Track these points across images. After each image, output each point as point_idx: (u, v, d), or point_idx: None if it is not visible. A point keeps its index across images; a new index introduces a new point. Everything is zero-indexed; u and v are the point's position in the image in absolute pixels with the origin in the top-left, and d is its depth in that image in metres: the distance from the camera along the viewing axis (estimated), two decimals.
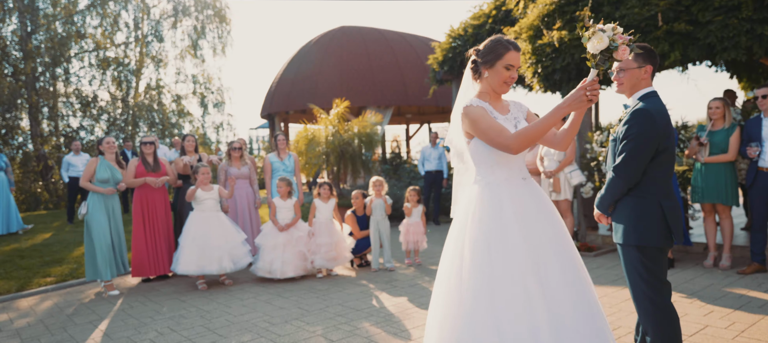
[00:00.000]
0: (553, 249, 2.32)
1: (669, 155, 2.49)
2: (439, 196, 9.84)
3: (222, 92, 20.87)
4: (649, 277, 2.47)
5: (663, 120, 2.46)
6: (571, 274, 2.32)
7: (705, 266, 5.26)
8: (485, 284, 2.23)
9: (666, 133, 2.46)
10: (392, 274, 5.78)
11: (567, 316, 2.23)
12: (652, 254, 2.47)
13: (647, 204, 2.47)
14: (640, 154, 2.43)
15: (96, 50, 18.28)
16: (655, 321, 2.46)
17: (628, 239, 2.50)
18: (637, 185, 2.50)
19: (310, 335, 3.86)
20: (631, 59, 2.59)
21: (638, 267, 2.48)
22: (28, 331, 4.26)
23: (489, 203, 2.35)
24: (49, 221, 10.70)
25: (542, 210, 2.40)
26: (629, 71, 2.59)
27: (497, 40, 2.39)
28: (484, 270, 2.25)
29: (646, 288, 2.47)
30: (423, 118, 19.35)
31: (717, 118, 5.17)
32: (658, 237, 2.45)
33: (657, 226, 2.45)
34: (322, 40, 16.29)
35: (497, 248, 2.27)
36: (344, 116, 10.63)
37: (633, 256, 2.50)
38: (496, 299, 2.21)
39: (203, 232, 5.33)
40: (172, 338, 3.92)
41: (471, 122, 2.36)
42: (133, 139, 17.83)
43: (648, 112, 2.45)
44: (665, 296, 2.47)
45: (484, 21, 9.18)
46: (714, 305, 4.03)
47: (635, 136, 2.44)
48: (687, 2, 5.64)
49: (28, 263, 6.64)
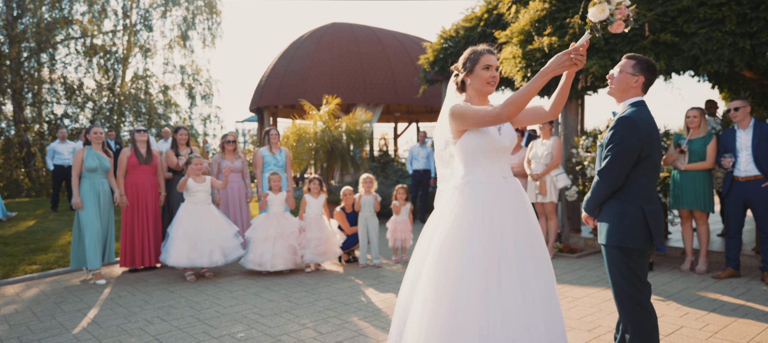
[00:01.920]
0: (518, 249, 2.45)
1: (652, 162, 2.62)
2: (426, 194, 9.95)
3: (210, 84, 20.75)
4: (630, 277, 2.59)
5: (647, 128, 2.58)
6: (533, 274, 2.45)
7: (682, 270, 5.45)
8: (445, 280, 2.38)
9: (649, 141, 2.59)
10: (380, 270, 5.87)
11: (519, 316, 2.35)
12: (633, 256, 2.59)
13: (630, 208, 2.60)
14: (623, 159, 2.56)
15: (83, 37, 18.03)
16: (635, 319, 2.59)
17: (611, 239, 2.62)
18: (621, 189, 2.63)
19: (300, 327, 3.93)
20: (628, 64, 2.71)
21: (620, 267, 2.61)
22: (16, 317, 4.25)
23: (462, 203, 2.48)
24: (31, 209, 10.57)
25: (517, 209, 2.53)
26: (622, 75, 2.70)
27: (472, 50, 2.59)
28: (444, 268, 2.39)
29: (627, 287, 2.60)
30: (411, 117, 19.47)
31: (694, 127, 5.35)
32: (640, 239, 2.58)
33: (638, 229, 2.58)
34: (313, 35, 16.29)
35: (461, 247, 2.40)
36: (334, 113, 10.68)
37: (615, 256, 2.62)
38: (453, 297, 2.35)
39: (194, 225, 5.35)
40: (163, 327, 3.96)
41: (459, 115, 2.48)
42: (118, 129, 17.64)
43: (632, 120, 2.58)
44: (645, 296, 2.60)
45: (475, 24, 9.31)
46: (689, 307, 4.19)
47: (619, 142, 2.57)
48: (673, 14, 5.82)
49: (13, 250, 6.59)
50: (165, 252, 5.36)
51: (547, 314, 2.43)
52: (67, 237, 7.47)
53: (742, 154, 5.01)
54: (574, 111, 7.38)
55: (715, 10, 5.51)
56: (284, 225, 5.73)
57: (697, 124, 5.33)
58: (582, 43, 2.35)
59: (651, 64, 2.71)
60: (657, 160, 2.64)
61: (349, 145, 10.70)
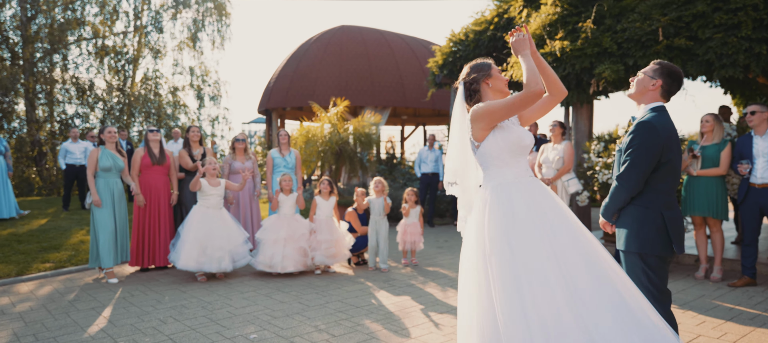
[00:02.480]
0: (571, 239, 2.32)
1: (672, 167, 2.60)
2: (434, 198, 9.94)
3: (219, 86, 20.84)
4: (649, 284, 2.57)
5: (666, 133, 2.57)
6: (595, 262, 2.32)
7: (696, 277, 5.40)
8: (512, 280, 2.23)
9: (669, 146, 2.57)
10: (390, 273, 5.86)
11: (591, 300, 2.21)
12: (652, 262, 2.57)
13: (649, 213, 2.58)
14: (642, 164, 2.54)
15: (94, 38, 18.19)
16: None
17: (630, 246, 2.60)
18: (640, 195, 2.61)
19: (312, 329, 3.93)
20: (649, 68, 2.72)
21: (639, 274, 2.59)
22: (31, 315, 4.28)
23: (502, 202, 2.37)
24: (43, 207, 10.66)
25: (554, 205, 2.42)
26: (642, 76, 2.71)
27: (480, 61, 2.60)
28: (508, 267, 2.26)
29: (646, 295, 2.57)
30: (418, 120, 19.47)
31: (708, 133, 5.30)
32: (659, 246, 2.56)
33: (658, 235, 2.56)
34: (322, 38, 16.34)
35: (517, 244, 2.27)
36: (343, 115, 10.70)
37: (634, 263, 2.60)
38: (524, 293, 2.20)
39: (206, 229, 5.36)
40: (176, 327, 3.97)
41: (487, 112, 2.39)
42: (128, 129, 17.75)
43: (652, 124, 2.56)
44: (665, 303, 2.58)
45: (485, 27, 9.29)
46: (706, 316, 4.16)
47: (638, 147, 2.55)
48: (687, 19, 5.78)
49: (26, 248, 6.64)
50: (175, 253, 5.38)
51: (623, 294, 2.28)
52: (79, 236, 7.52)
53: (758, 160, 4.96)
54: (586, 115, 7.35)
55: (731, 16, 5.47)
56: (295, 227, 5.73)
57: (710, 129, 5.28)
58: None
59: (672, 70, 2.67)
60: (677, 165, 2.62)
61: (357, 147, 10.71)
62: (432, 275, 5.76)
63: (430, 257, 6.75)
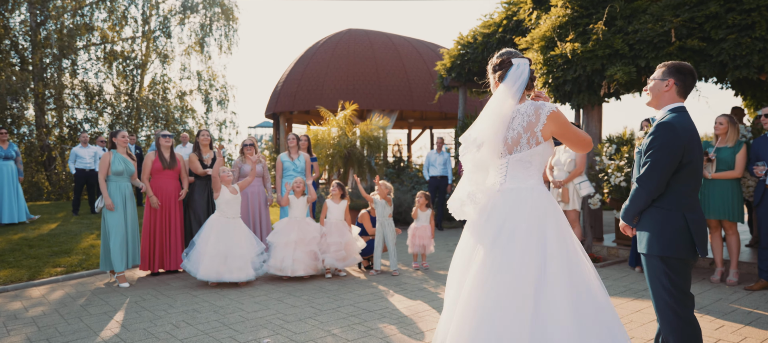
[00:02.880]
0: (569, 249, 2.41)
1: (693, 169, 2.55)
2: (443, 201, 9.89)
3: (226, 90, 20.90)
4: (672, 288, 2.52)
5: (687, 134, 2.52)
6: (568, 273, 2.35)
7: (712, 281, 5.33)
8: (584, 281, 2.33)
9: (690, 148, 2.52)
10: (401, 277, 5.83)
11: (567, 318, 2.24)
12: (675, 266, 2.53)
13: (672, 216, 2.53)
14: (664, 165, 2.50)
15: (103, 43, 18.32)
16: (678, 333, 2.51)
17: (652, 249, 2.56)
18: (662, 197, 2.56)
19: (325, 334, 3.90)
20: (657, 72, 2.70)
21: (662, 278, 2.54)
22: (43, 319, 4.29)
23: (544, 204, 2.41)
24: (53, 212, 10.71)
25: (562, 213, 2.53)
26: (653, 82, 2.69)
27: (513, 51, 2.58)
28: (567, 266, 2.32)
29: (669, 299, 2.53)
30: (425, 124, 19.45)
31: (721, 135, 5.24)
32: (682, 248, 2.51)
33: (681, 237, 2.51)
34: (329, 42, 16.37)
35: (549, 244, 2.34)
36: (351, 119, 10.69)
37: (657, 266, 2.56)
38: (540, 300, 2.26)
39: (227, 240, 5.35)
40: (189, 331, 3.96)
41: (564, 122, 2.40)
42: (136, 134, 17.84)
43: (672, 125, 2.52)
44: (688, 308, 2.53)
45: (494, 30, 9.28)
46: (724, 320, 4.09)
47: (659, 148, 2.51)
48: (700, 20, 5.73)
49: (37, 253, 6.66)
50: (191, 264, 5.31)
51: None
52: (90, 240, 7.54)
53: None
54: (597, 117, 7.30)
55: (745, 16, 5.42)
56: (306, 230, 5.72)
57: (724, 131, 5.22)
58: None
59: (681, 67, 2.65)
60: (699, 167, 2.57)
61: (364, 151, 10.70)
62: (443, 278, 5.72)
63: (441, 260, 6.71)
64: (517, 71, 2.45)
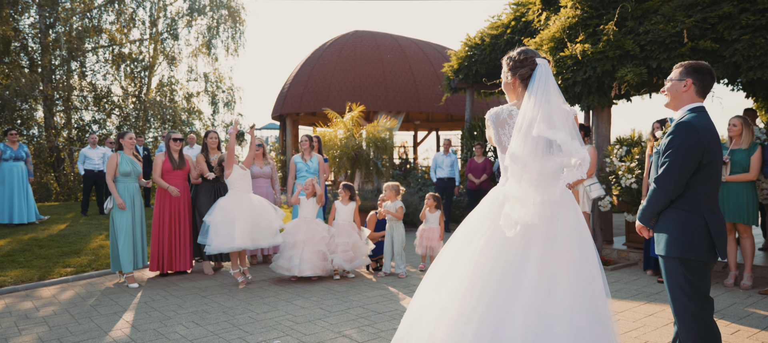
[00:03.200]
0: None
1: (713, 170, 2.51)
2: (450, 203, 9.86)
3: (232, 92, 20.97)
4: (691, 291, 2.48)
5: (707, 134, 2.48)
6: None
7: (725, 284, 5.26)
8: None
9: (710, 148, 2.48)
10: (410, 279, 5.80)
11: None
12: (694, 268, 2.49)
13: (691, 217, 2.49)
14: (683, 165, 2.46)
15: (111, 46, 18.43)
16: (697, 337, 2.47)
17: (671, 250, 2.52)
18: (681, 198, 2.52)
19: (335, 335, 3.88)
20: (674, 72, 2.67)
21: (680, 280, 2.50)
22: (54, 319, 4.29)
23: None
24: (62, 213, 10.76)
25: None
26: (671, 83, 2.66)
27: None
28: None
29: (687, 302, 2.48)
30: (431, 126, 19.42)
31: (736, 137, 5.17)
32: (701, 250, 2.47)
33: (700, 239, 2.47)
34: (335, 43, 16.39)
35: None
36: (358, 121, 10.69)
37: (675, 269, 2.52)
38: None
39: (250, 209, 5.33)
40: (199, 332, 3.95)
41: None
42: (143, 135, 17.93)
43: (691, 124, 2.48)
44: (707, 311, 2.49)
45: (502, 31, 9.24)
46: (740, 325, 4.04)
47: (678, 148, 2.47)
48: (713, 20, 5.68)
49: (47, 253, 6.69)
50: (218, 238, 5.12)
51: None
52: (99, 240, 7.56)
53: None
54: (606, 119, 7.25)
55: (759, 16, 5.36)
56: (314, 230, 5.69)
57: (738, 132, 5.16)
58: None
59: (698, 66, 2.61)
60: (718, 168, 2.54)
61: (369, 152, 10.68)
62: None
63: None
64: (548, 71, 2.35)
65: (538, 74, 2.32)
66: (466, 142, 10.92)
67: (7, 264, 6.09)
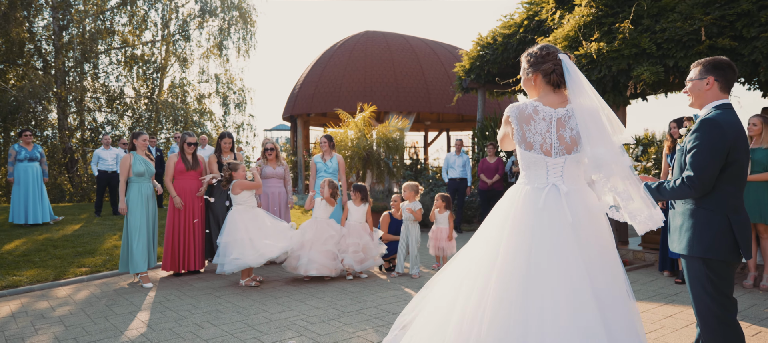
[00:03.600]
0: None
1: (739, 168, 2.45)
2: (462, 203, 9.80)
3: (244, 93, 21.07)
4: (713, 291, 2.43)
5: (733, 131, 2.42)
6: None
7: (744, 286, 5.17)
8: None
9: (736, 146, 2.42)
10: (422, 279, 5.76)
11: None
12: (717, 268, 2.44)
13: (715, 217, 2.44)
14: (710, 163, 2.39)
15: (124, 47, 18.60)
16: (721, 339, 2.42)
17: (693, 250, 2.47)
18: (705, 197, 2.47)
19: (349, 335, 3.86)
20: (694, 71, 2.62)
21: (703, 280, 2.45)
22: (70, 319, 4.32)
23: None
24: (76, 213, 10.85)
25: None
26: (691, 83, 2.61)
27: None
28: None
29: (710, 303, 2.43)
30: (442, 126, 19.35)
31: (756, 136, 5.08)
32: (724, 250, 2.42)
33: (724, 239, 2.42)
34: (346, 44, 16.39)
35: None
36: (369, 121, 10.67)
37: (698, 268, 2.47)
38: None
39: (260, 224, 5.38)
40: (213, 332, 3.95)
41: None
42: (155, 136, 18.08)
43: (717, 122, 2.42)
44: (730, 312, 2.44)
45: (514, 30, 9.17)
46: (761, 326, 3.96)
47: (703, 148, 2.41)
48: (731, 18, 5.59)
49: (62, 253, 6.74)
50: (230, 260, 5.20)
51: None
52: (113, 241, 7.62)
53: None
54: (621, 119, 7.16)
55: None
56: (322, 230, 5.67)
57: (758, 132, 5.07)
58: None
59: (717, 63, 2.56)
60: (744, 166, 2.48)
61: (381, 152, 10.65)
62: None
63: None
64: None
65: (571, 68, 2.31)
66: (478, 143, 10.85)
67: (23, 264, 6.15)
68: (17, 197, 8.68)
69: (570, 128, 2.31)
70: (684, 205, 2.57)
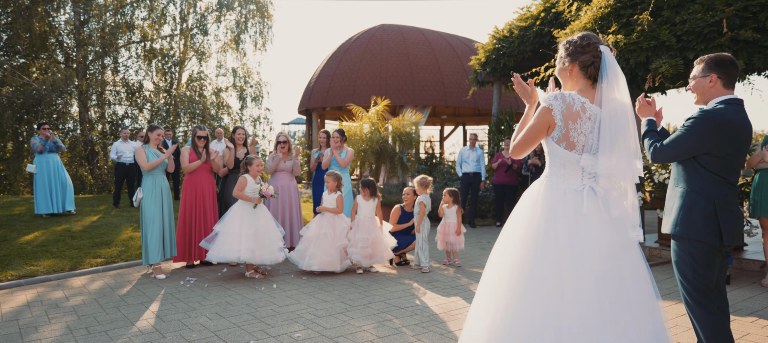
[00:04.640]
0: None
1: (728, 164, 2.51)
2: (476, 198, 9.72)
3: (260, 86, 21.22)
4: (692, 274, 2.52)
5: (729, 129, 2.47)
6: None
7: (762, 284, 5.03)
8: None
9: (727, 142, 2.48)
10: (433, 275, 5.73)
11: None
12: (698, 250, 2.50)
13: (701, 200, 2.51)
14: (682, 148, 2.52)
15: (143, 41, 18.86)
16: (700, 322, 2.52)
17: (676, 229, 2.57)
18: (694, 182, 2.56)
19: (356, 329, 3.85)
20: (696, 69, 2.67)
21: (685, 259, 2.55)
22: (83, 309, 4.40)
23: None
24: (95, 205, 11.08)
25: None
26: (694, 81, 2.65)
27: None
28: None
29: (687, 285, 2.55)
30: (458, 120, 19.21)
31: None
32: (706, 233, 2.47)
33: (706, 222, 2.48)
34: (362, 37, 16.35)
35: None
36: (383, 115, 10.63)
37: (682, 249, 2.57)
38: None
39: (255, 223, 5.39)
40: (222, 323, 3.98)
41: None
42: (173, 130, 18.31)
43: (711, 113, 2.49)
44: (711, 300, 2.52)
45: (531, 23, 9.03)
46: None
47: (686, 133, 2.51)
48: (755, 9, 5.40)
49: (79, 244, 6.88)
50: (223, 249, 5.27)
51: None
52: (129, 232, 7.74)
53: None
54: None
55: None
56: (324, 227, 5.66)
57: None
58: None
59: (719, 60, 2.57)
60: (738, 166, 2.54)
61: (396, 147, 10.61)
62: (476, 276, 5.60)
63: (474, 259, 6.58)
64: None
65: (610, 63, 2.14)
66: (493, 137, 10.74)
67: (41, 254, 6.29)
68: (42, 187, 8.87)
69: (598, 128, 2.15)
70: (676, 188, 2.66)
